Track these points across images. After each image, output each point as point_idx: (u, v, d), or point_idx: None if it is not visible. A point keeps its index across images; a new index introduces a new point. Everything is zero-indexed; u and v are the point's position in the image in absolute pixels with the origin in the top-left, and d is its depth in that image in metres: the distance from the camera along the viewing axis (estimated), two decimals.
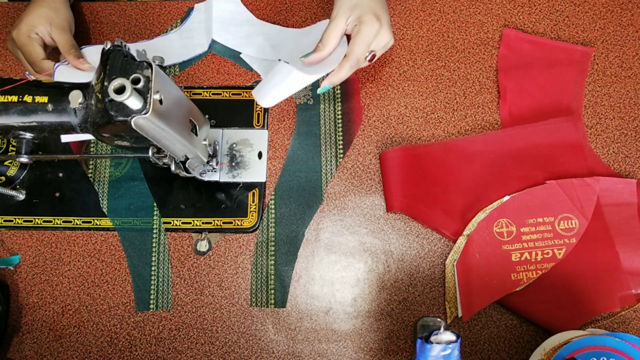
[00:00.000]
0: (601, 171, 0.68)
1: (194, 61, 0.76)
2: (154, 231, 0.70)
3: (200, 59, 0.76)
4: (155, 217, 0.70)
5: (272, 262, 0.69)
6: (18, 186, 0.72)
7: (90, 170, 0.72)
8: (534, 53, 0.73)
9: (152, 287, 0.68)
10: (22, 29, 0.68)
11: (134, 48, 0.54)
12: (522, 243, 0.65)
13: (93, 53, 0.72)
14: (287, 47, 0.75)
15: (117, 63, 0.51)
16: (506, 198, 0.67)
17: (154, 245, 0.70)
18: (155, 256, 0.69)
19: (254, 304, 0.68)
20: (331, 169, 0.71)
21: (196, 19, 0.78)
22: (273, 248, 0.69)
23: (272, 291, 0.68)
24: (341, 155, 0.72)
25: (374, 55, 0.64)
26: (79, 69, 0.70)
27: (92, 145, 0.74)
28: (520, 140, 0.69)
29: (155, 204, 0.70)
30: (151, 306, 0.68)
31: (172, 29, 0.78)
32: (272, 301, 0.68)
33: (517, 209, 0.66)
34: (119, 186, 0.71)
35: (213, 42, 0.77)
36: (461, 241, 0.67)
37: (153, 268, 0.69)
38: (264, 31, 0.76)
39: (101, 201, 0.71)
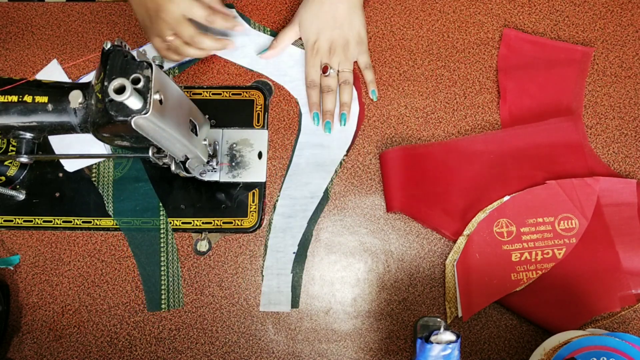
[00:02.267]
0: (601, 171, 0.68)
1: (194, 61, 0.76)
2: (161, 231, 0.70)
3: (199, 59, 0.76)
4: (162, 217, 0.70)
5: None
6: (18, 186, 0.72)
7: (93, 175, 0.72)
8: (534, 53, 0.73)
9: (163, 287, 0.68)
10: (173, 11, 0.64)
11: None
12: (522, 243, 0.66)
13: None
14: (278, 62, 0.75)
15: (117, 63, 0.51)
16: (506, 198, 0.67)
17: (162, 245, 0.69)
18: (164, 256, 0.69)
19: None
20: (335, 168, 0.71)
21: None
22: None
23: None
24: (344, 155, 0.72)
25: (326, 68, 0.72)
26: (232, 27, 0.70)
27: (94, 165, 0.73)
28: (520, 140, 0.69)
29: (160, 204, 0.70)
30: (162, 306, 0.68)
31: None
32: None
33: (517, 209, 0.66)
34: (123, 188, 0.71)
35: None
36: (461, 241, 0.67)
37: (162, 268, 0.69)
38: (258, 42, 0.76)
39: (106, 204, 0.71)
